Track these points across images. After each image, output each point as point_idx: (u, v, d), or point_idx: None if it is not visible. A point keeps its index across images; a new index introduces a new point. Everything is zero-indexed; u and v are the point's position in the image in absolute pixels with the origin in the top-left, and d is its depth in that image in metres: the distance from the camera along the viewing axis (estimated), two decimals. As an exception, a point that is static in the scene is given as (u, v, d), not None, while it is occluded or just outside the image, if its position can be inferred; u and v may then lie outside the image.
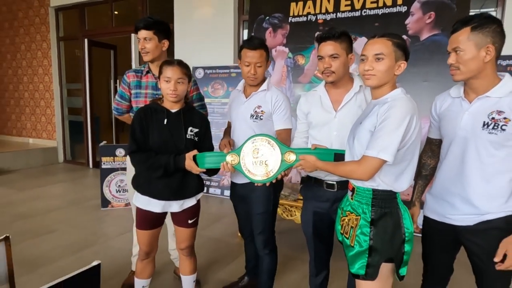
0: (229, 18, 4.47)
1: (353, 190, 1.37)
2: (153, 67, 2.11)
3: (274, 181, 1.62)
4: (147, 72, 2.12)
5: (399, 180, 1.31)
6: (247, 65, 1.83)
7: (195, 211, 1.86)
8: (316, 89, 1.78)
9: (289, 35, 3.95)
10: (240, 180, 1.95)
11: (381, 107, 1.27)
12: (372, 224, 1.29)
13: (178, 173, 1.72)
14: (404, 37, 3.30)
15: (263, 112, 1.88)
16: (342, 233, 1.41)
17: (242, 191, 1.98)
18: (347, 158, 1.42)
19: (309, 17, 3.83)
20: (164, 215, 1.83)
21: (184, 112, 1.78)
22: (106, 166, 4.00)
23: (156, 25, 2.04)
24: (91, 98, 5.96)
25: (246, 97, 1.94)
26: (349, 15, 3.61)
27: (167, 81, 1.69)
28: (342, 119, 1.65)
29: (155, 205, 1.75)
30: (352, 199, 1.38)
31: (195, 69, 4.50)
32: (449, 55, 1.34)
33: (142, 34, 2.02)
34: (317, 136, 1.72)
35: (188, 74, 1.75)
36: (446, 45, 1.37)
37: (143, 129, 1.72)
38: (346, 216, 1.39)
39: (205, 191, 2.18)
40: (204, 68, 4.53)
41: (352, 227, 1.34)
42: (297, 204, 2.89)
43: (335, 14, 3.68)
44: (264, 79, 1.92)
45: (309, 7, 3.82)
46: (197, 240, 1.96)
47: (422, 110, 1.56)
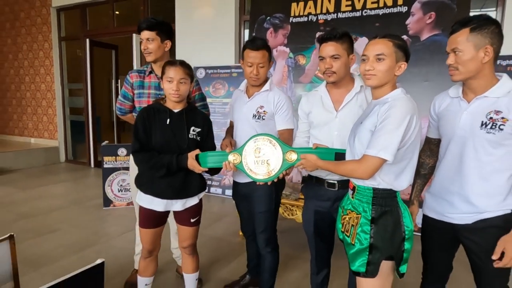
0: (230, 18, 4.48)
1: (353, 189, 1.39)
2: (155, 68, 2.13)
3: (276, 180, 1.63)
4: (150, 73, 2.14)
5: (399, 179, 1.32)
6: (250, 65, 1.84)
7: (197, 210, 1.88)
8: (317, 89, 1.79)
9: (290, 35, 3.96)
10: (242, 179, 1.97)
11: (381, 107, 1.29)
12: (373, 222, 1.31)
13: (180, 172, 1.74)
14: (405, 37, 3.32)
15: (265, 112, 1.89)
16: (343, 231, 1.43)
17: (244, 190, 1.99)
18: (348, 157, 1.44)
19: (310, 17, 3.84)
20: (167, 214, 1.85)
21: (187, 112, 1.79)
22: (108, 165, 4.01)
23: (159, 26, 2.05)
24: (92, 98, 5.99)
25: (249, 97, 1.96)
26: (350, 15, 3.63)
27: (169, 81, 1.71)
28: (343, 119, 1.66)
29: (158, 204, 1.77)
30: (352, 197, 1.40)
31: (196, 69, 4.51)
32: (448, 55, 1.35)
33: (144, 34, 2.04)
34: (318, 136, 1.74)
35: (191, 74, 1.77)
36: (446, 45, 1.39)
37: (146, 128, 1.74)
38: (347, 214, 1.41)
39: (206, 190, 2.20)
40: (205, 68, 4.54)
41: (352, 225, 1.36)
42: (298, 203, 2.91)
43: (336, 14, 3.69)
44: (266, 80, 1.94)
45: (310, 7, 3.84)
46: (199, 239, 1.98)
47: (423, 110, 1.57)
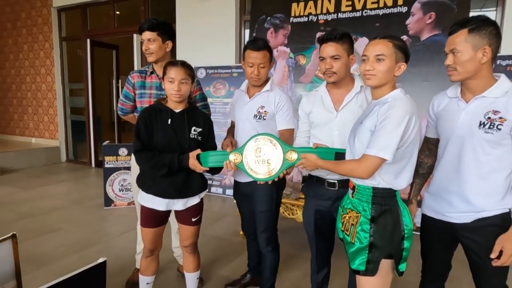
0: (231, 19, 4.49)
1: (353, 188, 1.40)
2: (157, 68, 2.14)
3: (276, 179, 1.64)
4: (151, 73, 2.15)
5: (399, 178, 1.34)
6: (251, 65, 1.85)
7: (198, 209, 1.89)
8: (318, 89, 1.81)
9: (290, 35, 3.97)
10: (243, 179, 1.98)
11: (381, 107, 1.30)
12: (372, 221, 1.32)
13: (182, 172, 1.75)
14: (405, 37, 3.33)
15: (266, 112, 1.91)
16: (343, 230, 1.44)
17: (245, 190, 2.01)
18: (348, 157, 1.45)
19: (310, 18, 3.85)
20: (168, 213, 1.86)
21: (188, 112, 1.81)
22: (109, 165, 4.02)
23: (160, 27, 2.06)
24: (93, 98, 6.00)
25: (250, 98, 1.97)
26: (350, 16, 3.64)
27: (171, 81, 1.72)
28: (343, 119, 1.67)
29: (159, 203, 1.78)
30: (352, 197, 1.41)
31: (197, 69, 4.52)
32: (447, 56, 1.37)
33: (146, 35, 2.05)
34: (318, 136, 1.75)
35: (192, 74, 1.78)
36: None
37: (147, 128, 1.75)
38: (347, 213, 1.42)
39: (207, 190, 2.20)
40: (206, 68, 4.56)
41: (352, 224, 1.37)
42: (298, 203, 2.92)
43: (336, 15, 3.71)
44: (267, 80, 1.95)
45: (310, 8, 3.85)
46: (199, 238, 1.99)
47: (423, 109, 1.58)
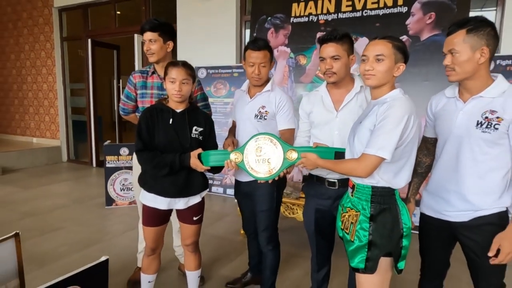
0: (231, 19, 4.51)
1: (353, 187, 1.42)
2: (158, 68, 2.15)
3: (277, 178, 1.66)
4: (153, 73, 2.16)
5: (398, 177, 1.35)
6: (251, 65, 1.87)
7: (200, 208, 1.90)
8: (318, 89, 1.82)
9: (290, 35, 3.98)
10: (244, 178, 1.99)
11: (380, 107, 1.32)
12: (372, 219, 1.34)
13: (183, 171, 1.76)
14: (405, 37, 3.34)
15: (267, 112, 1.92)
16: (342, 228, 1.46)
17: (246, 189, 2.02)
18: (348, 156, 1.47)
19: (310, 18, 3.87)
20: (169, 212, 1.88)
21: (189, 111, 1.82)
22: (110, 165, 4.04)
23: (161, 27, 2.07)
24: (94, 97, 6.02)
25: (251, 98, 1.98)
26: (350, 16, 3.65)
27: (172, 82, 1.73)
28: (343, 119, 1.69)
29: (161, 203, 1.80)
30: (352, 195, 1.42)
31: (197, 69, 4.53)
32: (445, 56, 1.38)
33: (147, 36, 2.06)
34: (319, 135, 1.76)
35: (193, 75, 1.79)
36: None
37: (149, 128, 1.77)
38: (347, 212, 1.44)
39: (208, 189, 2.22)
40: (207, 68, 4.57)
41: (352, 222, 1.39)
42: (298, 202, 2.93)
43: (336, 15, 3.72)
44: (268, 80, 1.96)
45: (310, 8, 3.86)
46: (200, 237, 2.00)
47: (423, 109, 1.59)
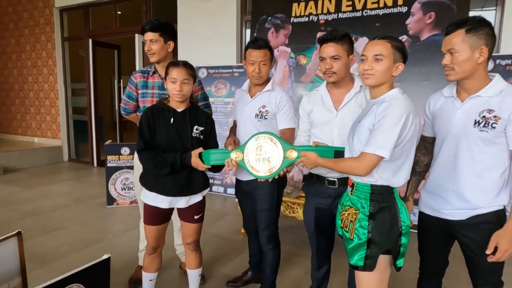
0: (232, 19, 4.52)
1: (352, 186, 1.43)
2: (159, 68, 2.17)
3: (277, 177, 1.67)
4: (154, 73, 2.18)
5: (396, 176, 1.36)
6: (252, 63, 1.88)
7: (201, 207, 1.92)
8: (318, 89, 1.83)
9: (291, 35, 4.00)
10: (245, 177, 2.00)
11: (379, 106, 1.33)
12: (371, 218, 1.35)
13: (184, 170, 1.78)
14: (405, 37, 3.35)
15: (267, 111, 1.93)
16: (342, 227, 1.47)
17: (247, 188, 2.03)
18: (347, 155, 1.48)
19: (311, 18, 3.88)
20: (171, 211, 1.89)
21: (190, 111, 1.84)
22: (111, 164, 4.05)
23: (162, 27, 2.09)
24: (95, 97, 6.04)
25: (251, 97, 1.99)
26: (350, 16, 3.66)
27: (173, 81, 1.74)
28: (343, 118, 1.70)
29: (162, 201, 1.81)
30: (351, 194, 1.44)
31: (198, 68, 4.55)
32: (444, 56, 1.39)
33: (148, 36, 2.08)
34: (319, 135, 1.77)
35: (193, 74, 1.81)
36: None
37: (150, 128, 1.78)
38: (346, 210, 1.45)
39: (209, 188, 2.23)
40: (207, 68, 4.58)
41: (351, 221, 1.40)
42: (299, 201, 2.94)
43: (336, 15, 3.73)
44: (268, 79, 1.98)
45: (311, 8, 3.87)
46: (201, 236, 2.01)
47: (423, 109, 1.61)
